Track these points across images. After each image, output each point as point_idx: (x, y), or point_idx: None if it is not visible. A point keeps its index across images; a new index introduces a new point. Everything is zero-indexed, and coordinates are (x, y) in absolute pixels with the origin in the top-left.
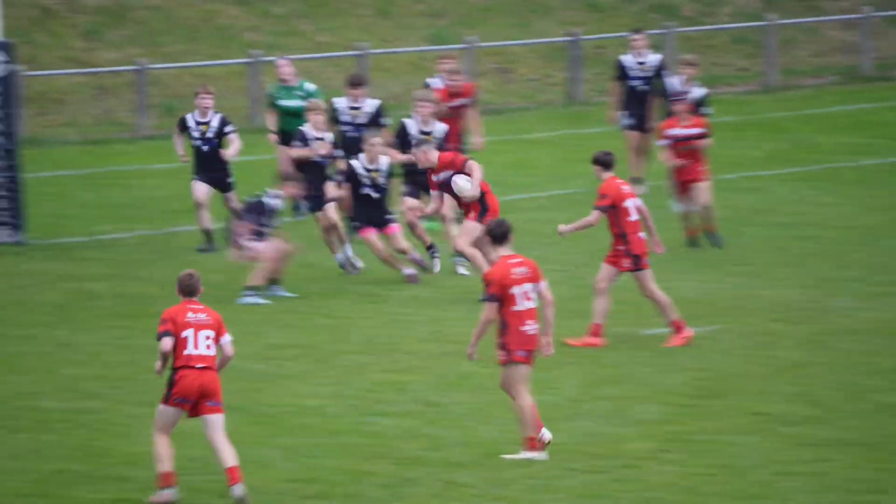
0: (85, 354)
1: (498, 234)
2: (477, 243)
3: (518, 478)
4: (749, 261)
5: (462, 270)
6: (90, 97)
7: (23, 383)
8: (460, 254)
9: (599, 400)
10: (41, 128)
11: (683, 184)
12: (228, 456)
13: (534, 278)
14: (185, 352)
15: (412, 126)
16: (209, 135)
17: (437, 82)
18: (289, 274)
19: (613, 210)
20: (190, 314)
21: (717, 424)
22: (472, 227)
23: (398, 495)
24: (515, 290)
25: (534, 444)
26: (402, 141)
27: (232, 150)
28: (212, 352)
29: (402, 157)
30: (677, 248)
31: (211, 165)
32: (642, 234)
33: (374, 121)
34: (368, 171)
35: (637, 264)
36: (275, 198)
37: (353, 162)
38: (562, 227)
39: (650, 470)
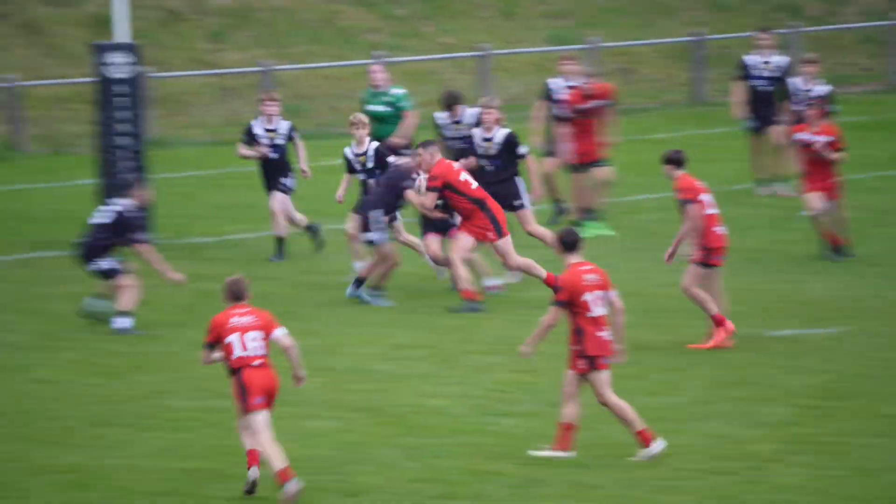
0: None
1: (569, 242)
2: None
3: (646, 479)
4: (877, 262)
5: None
6: (216, 98)
7: (154, 383)
8: (517, 268)
9: (725, 402)
10: (168, 129)
11: (814, 189)
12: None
13: (604, 286)
14: (234, 356)
15: (477, 135)
16: (278, 141)
17: (558, 83)
18: (411, 275)
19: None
20: (234, 319)
21: (846, 426)
22: (506, 244)
23: (524, 496)
24: (588, 296)
25: (647, 436)
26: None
27: (303, 157)
28: (263, 350)
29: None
30: (805, 250)
31: (275, 171)
32: (720, 229)
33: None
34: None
35: (707, 258)
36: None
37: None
38: (671, 252)
39: (778, 472)
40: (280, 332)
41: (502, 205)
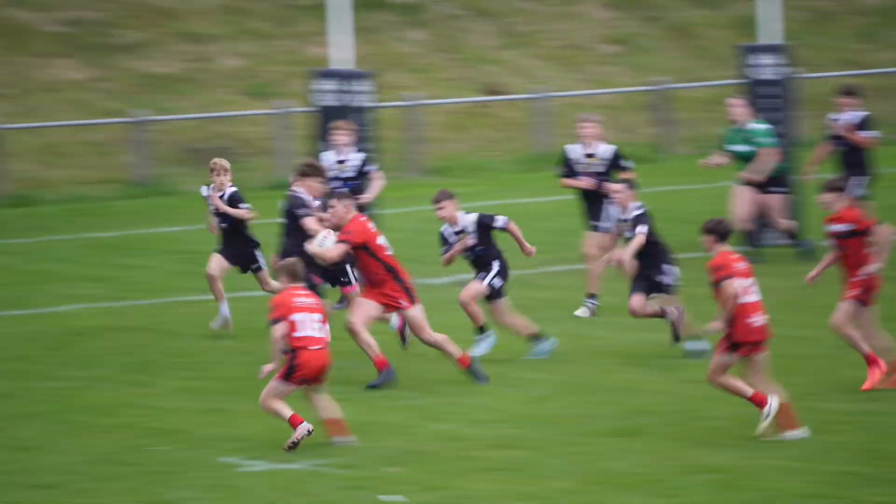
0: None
1: (722, 232)
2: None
3: None
4: None
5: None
6: (865, 99)
7: (805, 384)
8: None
9: None
10: (815, 130)
11: None
12: None
13: (752, 274)
14: (298, 334)
15: (575, 151)
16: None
17: None
18: None
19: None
20: (298, 299)
21: None
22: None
23: None
24: (737, 282)
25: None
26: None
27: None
28: (322, 333)
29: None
30: None
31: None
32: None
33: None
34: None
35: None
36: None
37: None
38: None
39: None
40: None
41: None
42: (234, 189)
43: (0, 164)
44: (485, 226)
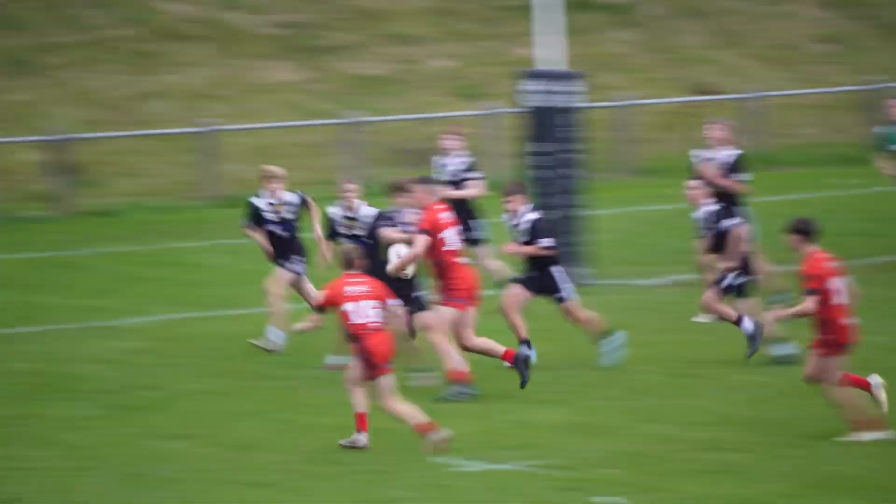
0: None
1: (811, 231)
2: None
3: None
4: None
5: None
6: None
7: None
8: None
9: None
10: None
11: None
12: None
13: (844, 273)
14: (351, 322)
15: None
16: None
17: None
18: None
19: None
20: (348, 287)
21: None
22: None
23: None
24: (831, 284)
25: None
26: None
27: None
28: (379, 318)
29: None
30: None
31: None
32: None
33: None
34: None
35: None
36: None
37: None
38: None
39: None
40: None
41: None
42: (295, 194)
43: (216, 165)
44: (534, 234)
